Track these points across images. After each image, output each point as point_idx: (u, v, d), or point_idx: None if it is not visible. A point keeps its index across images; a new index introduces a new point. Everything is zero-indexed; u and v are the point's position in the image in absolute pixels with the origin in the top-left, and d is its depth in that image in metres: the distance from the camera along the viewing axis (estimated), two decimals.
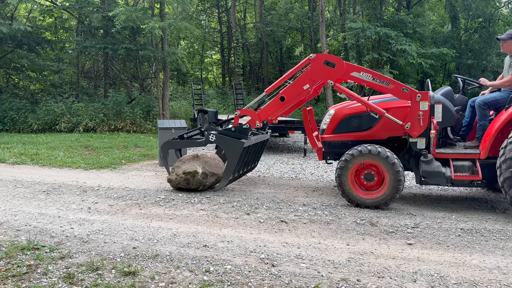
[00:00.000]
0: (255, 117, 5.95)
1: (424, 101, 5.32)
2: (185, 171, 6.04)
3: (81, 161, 8.91)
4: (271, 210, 5.31)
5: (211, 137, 6.04)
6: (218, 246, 4.03)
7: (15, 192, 6.22)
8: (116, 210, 5.29)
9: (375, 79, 5.45)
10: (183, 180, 6.07)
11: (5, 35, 15.50)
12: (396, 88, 5.42)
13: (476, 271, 3.55)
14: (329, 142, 6.00)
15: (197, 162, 6.17)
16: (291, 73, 5.93)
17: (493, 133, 5.12)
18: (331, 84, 5.57)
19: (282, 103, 5.82)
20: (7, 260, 3.59)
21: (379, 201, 5.31)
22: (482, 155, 5.22)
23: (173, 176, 6.16)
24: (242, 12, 28.73)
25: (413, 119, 5.34)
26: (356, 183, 5.42)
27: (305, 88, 5.68)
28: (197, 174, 6.01)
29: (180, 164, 6.19)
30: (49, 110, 15.62)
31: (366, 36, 17.42)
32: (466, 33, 21.61)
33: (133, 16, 14.98)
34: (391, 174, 5.21)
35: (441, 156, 5.37)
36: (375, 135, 5.69)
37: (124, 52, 16.76)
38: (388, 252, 3.94)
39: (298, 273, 3.44)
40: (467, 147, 5.54)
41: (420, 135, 5.34)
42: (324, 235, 4.40)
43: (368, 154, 5.25)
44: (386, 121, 5.56)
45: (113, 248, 3.92)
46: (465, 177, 5.22)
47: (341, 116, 5.89)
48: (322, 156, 6.26)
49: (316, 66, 5.58)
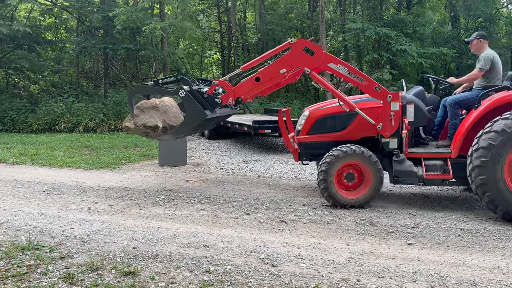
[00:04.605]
0: (229, 93, 5.75)
1: (395, 102, 5.38)
2: (146, 124, 5.76)
3: (81, 161, 8.91)
4: (271, 210, 5.31)
5: (181, 92, 5.76)
6: (218, 246, 4.03)
7: (15, 192, 6.22)
8: (116, 210, 5.29)
9: (351, 73, 5.46)
10: (142, 132, 5.87)
11: (5, 35, 15.50)
12: (369, 86, 5.45)
13: (476, 271, 3.55)
14: (304, 143, 5.99)
15: (157, 113, 5.82)
16: (270, 54, 5.82)
17: (463, 132, 5.18)
18: (308, 72, 5.52)
19: (257, 83, 5.67)
20: (7, 260, 3.59)
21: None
22: (453, 154, 5.29)
23: (131, 124, 5.88)
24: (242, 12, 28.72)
25: (385, 119, 5.39)
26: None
27: (282, 72, 5.58)
28: (158, 129, 5.74)
29: (139, 113, 5.85)
30: (49, 110, 15.61)
31: (366, 36, 17.41)
32: (466, 33, 21.60)
33: (133, 16, 14.98)
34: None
35: (413, 156, 5.43)
36: (349, 135, 5.72)
37: (124, 52, 16.76)
38: (388, 252, 3.94)
39: (298, 273, 3.44)
40: (439, 146, 5.60)
41: (392, 135, 5.41)
42: (324, 235, 4.40)
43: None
44: (359, 121, 5.59)
45: (113, 248, 3.92)
46: (436, 176, 5.28)
47: (316, 117, 5.90)
48: (298, 157, 6.24)
49: (295, 51, 5.51)
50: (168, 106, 5.95)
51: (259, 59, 5.83)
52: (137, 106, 5.93)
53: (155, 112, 5.84)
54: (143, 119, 5.81)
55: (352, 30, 17.85)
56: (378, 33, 16.78)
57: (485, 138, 4.79)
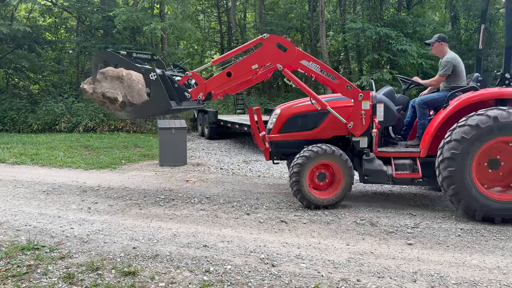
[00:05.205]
0: (201, 87, 5.55)
1: (366, 101, 5.39)
2: (105, 94, 5.39)
3: (81, 161, 8.91)
4: (271, 210, 5.31)
5: (152, 75, 5.42)
6: (218, 246, 4.03)
7: (15, 192, 6.22)
8: (116, 210, 5.29)
9: (323, 71, 5.44)
10: (99, 100, 5.50)
11: (5, 35, 15.49)
12: (341, 84, 5.44)
13: (476, 271, 3.55)
14: (275, 141, 5.93)
15: (120, 85, 5.45)
16: (242, 49, 5.71)
17: (432, 131, 5.23)
18: (280, 68, 5.44)
19: (228, 78, 5.49)
20: (7, 260, 3.59)
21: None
22: (422, 153, 5.34)
23: (90, 88, 5.46)
24: (242, 12, 28.72)
25: (356, 118, 5.40)
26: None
27: (254, 68, 5.47)
28: (116, 102, 5.41)
29: (102, 80, 5.45)
30: (49, 110, 15.60)
31: (366, 36, 17.42)
32: (466, 33, 21.61)
33: (133, 16, 14.98)
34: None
35: (382, 155, 5.46)
36: (320, 134, 5.71)
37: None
38: (388, 252, 3.94)
39: (298, 273, 3.44)
40: (408, 146, 5.64)
41: (362, 134, 5.42)
42: (324, 235, 4.40)
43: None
44: (330, 120, 5.59)
45: (113, 248, 3.92)
46: (406, 175, 5.31)
47: (287, 116, 5.86)
48: (269, 156, 6.19)
49: (267, 47, 5.42)
50: (134, 81, 5.57)
51: (230, 53, 5.69)
52: (102, 71, 5.52)
53: (119, 84, 5.47)
54: (103, 87, 5.43)
55: (352, 30, 17.86)
56: (379, 33, 16.78)
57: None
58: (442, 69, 5.58)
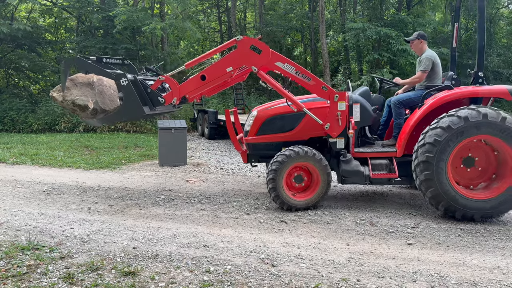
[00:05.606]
0: (175, 92, 5.45)
1: (342, 101, 5.38)
2: (75, 102, 5.21)
3: (81, 161, 8.91)
4: (271, 210, 5.31)
5: (123, 80, 5.28)
6: (218, 246, 4.03)
7: (15, 192, 6.22)
8: (116, 210, 5.29)
9: (298, 72, 5.41)
10: (70, 108, 5.35)
11: (5, 35, 15.50)
12: (316, 85, 5.42)
13: (476, 271, 3.55)
14: (253, 144, 5.83)
15: (91, 92, 5.27)
16: (215, 51, 5.69)
17: (408, 131, 5.24)
18: (255, 70, 5.40)
19: (202, 82, 5.42)
20: (7, 260, 3.59)
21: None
22: (398, 153, 5.35)
23: (59, 96, 5.29)
24: (242, 12, 28.73)
25: (332, 119, 5.39)
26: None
27: (228, 70, 5.42)
28: (87, 109, 5.24)
29: (72, 87, 5.28)
30: (49, 110, 15.60)
31: (367, 36, 17.43)
32: (466, 33, 21.61)
33: (133, 16, 15.00)
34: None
35: (359, 155, 5.46)
36: (297, 135, 5.67)
37: (124, 52, 16.75)
38: (388, 252, 3.94)
39: (298, 273, 3.44)
40: (384, 146, 5.64)
41: (339, 135, 5.42)
42: (324, 235, 4.40)
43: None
44: (307, 122, 5.55)
45: (113, 248, 3.92)
46: (383, 175, 5.31)
47: (264, 117, 5.80)
48: (247, 159, 6.10)
49: (241, 49, 5.34)
50: (106, 86, 5.41)
51: (203, 56, 5.63)
52: (71, 78, 5.34)
53: (89, 91, 5.29)
54: (73, 94, 5.24)
55: (352, 30, 17.86)
56: (379, 33, 16.79)
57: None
58: (422, 66, 5.59)
